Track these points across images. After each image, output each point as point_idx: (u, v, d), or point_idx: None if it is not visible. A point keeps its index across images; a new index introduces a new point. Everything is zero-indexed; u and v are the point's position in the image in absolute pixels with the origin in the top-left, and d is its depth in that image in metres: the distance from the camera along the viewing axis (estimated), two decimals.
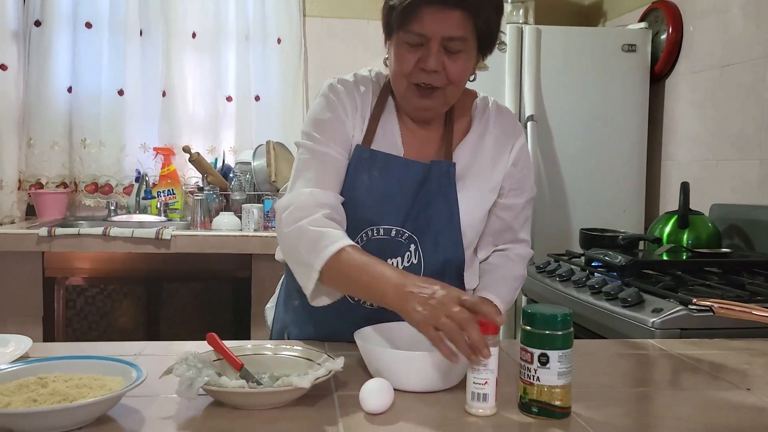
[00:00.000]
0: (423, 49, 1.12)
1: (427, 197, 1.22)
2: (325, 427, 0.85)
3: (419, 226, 1.22)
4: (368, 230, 1.22)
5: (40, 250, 2.37)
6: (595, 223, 2.37)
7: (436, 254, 1.23)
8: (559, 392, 0.88)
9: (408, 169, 1.22)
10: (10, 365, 0.91)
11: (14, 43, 2.81)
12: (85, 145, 2.87)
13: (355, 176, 1.21)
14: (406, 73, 1.15)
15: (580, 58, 2.54)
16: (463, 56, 1.14)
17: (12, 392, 0.84)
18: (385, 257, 1.19)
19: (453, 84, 1.16)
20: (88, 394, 0.84)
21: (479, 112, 1.28)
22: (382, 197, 1.21)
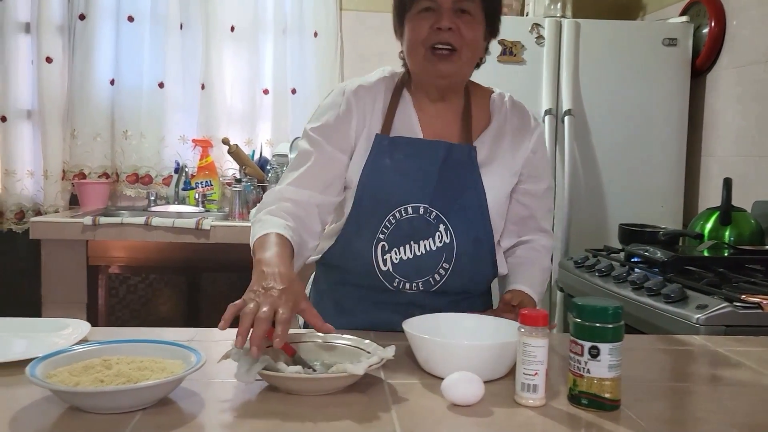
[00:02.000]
0: (435, 14, 1.19)
1: (452, 177, 1.27)
2: (378, 414, 0.86)
3: (447, 205, 1.26)
4: (397, 212, 1.26)
5: (84, 238, 2.43)
6: (632, 219, 2.36)
7: (467, 233, 1.27)
8: (609, 385, 0.89)
9: (429, 149, 1.27)
10: (76, 347, 0.95)
11: (59, 37, 2.88)
12: (127, 136, 2.93)
13: (376, 162, 1.26)
14: (423, 38, 1.21)
15: (619, 53, 2.51)
16: (474, 20, 1.21)
17: (79, 373, 0.87)
18: (417, 239, 1.25)
19: (467, 46, 1.21)
20: (150, 376, 0.87)
21: (497, 106, 1.34)
22: (405, 177, 1.26)
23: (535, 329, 0.90)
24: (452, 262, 1.27)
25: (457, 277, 1.29)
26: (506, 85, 2.41)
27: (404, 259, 1.27)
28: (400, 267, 1.27)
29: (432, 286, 1.28)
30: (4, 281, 2.94)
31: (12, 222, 2.88)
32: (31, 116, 2.93)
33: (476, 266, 1.31)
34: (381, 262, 1.27)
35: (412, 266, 1.27)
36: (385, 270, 1.27)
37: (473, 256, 1.29)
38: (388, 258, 1.27)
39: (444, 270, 1.28)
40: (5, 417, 0.82)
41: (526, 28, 2.47)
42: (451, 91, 1.30)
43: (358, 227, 1.28)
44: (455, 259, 1.27)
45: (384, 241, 1.27)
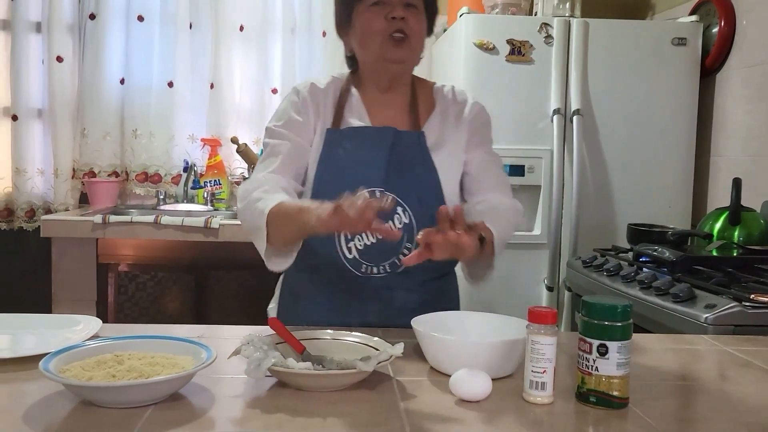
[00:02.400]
0: (386, 6, 1.29)
1: (403, 161, 1.33)
2: (387, 410, 0.87)
3: (402, 188, 1.32)
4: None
5: (94, 236, 2.45)
6: (640, 219, 2.35)
7: (423, 211, 1.32)
8: (617, 383, 0.89)
9: (377, 135, 1.35)
10: (88, 343, 0.96)
11: (70, 36, 2.90)
12: (136, 135, 2.94)
13: (329, 154, 1.34)
14: (380, 28, 1.30)
15: (628, 52, 2.51)
16: (419, 14, 1.32)
17: (92, 368, 0.88)
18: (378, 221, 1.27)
19: (416, 35, 1.32)
20: (161, 371, 0.88)
21: (439, 94, 1.43)
22: (358, 163, 1.32)
23: (543, 327, 0.90)
24: (414, 241, 1.30)
25: None
26: (515, 84, 2.45)
27: (368, 244, 1.31)
28: (365, 252, 1.31)
29: (398, 267, 1.32)
30: (15, 279, 2.97)
31: (23, 220, 2.90)
32: (41, 115, 2.95)
33: None
34: (346, 250, 1.32)
35: (376, 250, 1.31)
36: (351, 258, 1.32)
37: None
38: (352, 245, 1.31)
39: (407, 250, 1.32)
40: (19, 411, 0.83)
41: (534, 28, 2.47)
42: (399, 81, 1.39)
43: None
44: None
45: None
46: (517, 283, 2.49)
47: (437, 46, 3.03)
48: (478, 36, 2.45)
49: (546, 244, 2.48)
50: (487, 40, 2.45)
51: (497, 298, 2.48)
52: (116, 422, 0.80)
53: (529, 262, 2.50)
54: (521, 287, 2.50)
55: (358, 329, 1.12)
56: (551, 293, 2.48)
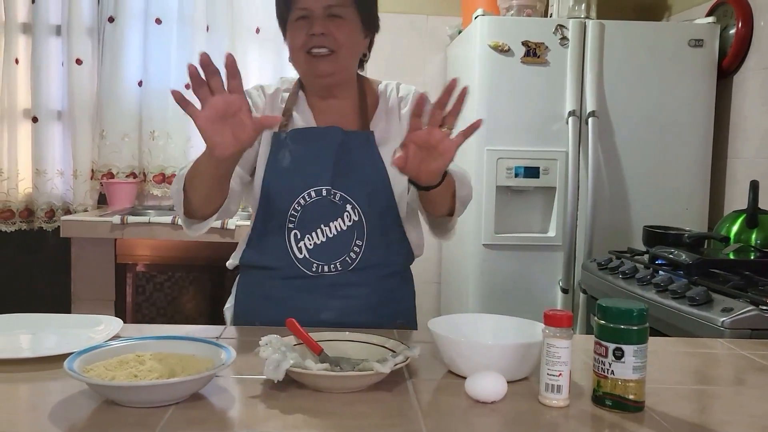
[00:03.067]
0: (309, 21, 1.29)
1: (352, 160, 1.33)
2: (404, 411, 0.88)
3: (350, 186, 1.32)
4: (300, 198, 1.32)
5: (113, 237, 2.48)
6: (656, 221, 2.34)
7: (372, 208, 1.33)
8: (633, 386, 0.90)
9: (323, 134, 1.35)
10: (111, 343, 0.98)
11: (89, 39, 2.94)
12: (154, 137, 2.98)
13: (277, 155, 1.34)
14: (300, 44, 1.30)
15: (644, 54, 2.50)
16: (346, 23, 1.30)
17: (114, 367, 0.90)
18: (327, 220, 1.32)
19: (342, 47, 1.30)
20: (182, 372, 0.90)
21: (383, 91, 1.43)
22: (304, 163, 1.33)
23: (559, 330, 0.91)
24: (364, 239, 1.33)
25: (371, 253, 1.34)
26: (530, 86, 2.45)
27: (318, 244, 1.32)
28: (315, 252, 1.32)
29: (350, 265, 1.33)
30: (35, 278, 3.01)
31: (42, 220, 2.94)
32: (61, 117, 2.99)
33: (388, 240, 1.36)
34: (296, 250, 1.33)
35: (325, 249, 1.32)
36: (301, 257, 1.33)
37: (382, 229, 1.35)
38: (302, 245, 1.32)
39: (358, 247, 1.33)
40: (45, 409, 0.85)
41: (549, 29, 2.47)
42: (339, 89, 1.38)
43: (267, 222, 1.35)
44: (366, 235, 1.33)
45: (295, 229, 1.32)
46: (532, 285, 2.50)
47: (452, 48, 3.03)
48: (493, 38, 2.45)
49: (561, 246, 2.47)
50: (502, 42, 2.45)
51: (512, 300, 2.48)
52: (139, 421, 0.82)
53: (544, 264, 2.50)
54: (536, 289, 2.50)
55: (329, 330, 1.13)
56: (566, 295, 2.47)
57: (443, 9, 3.12)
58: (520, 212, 2.54)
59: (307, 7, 1.29)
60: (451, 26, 3.05)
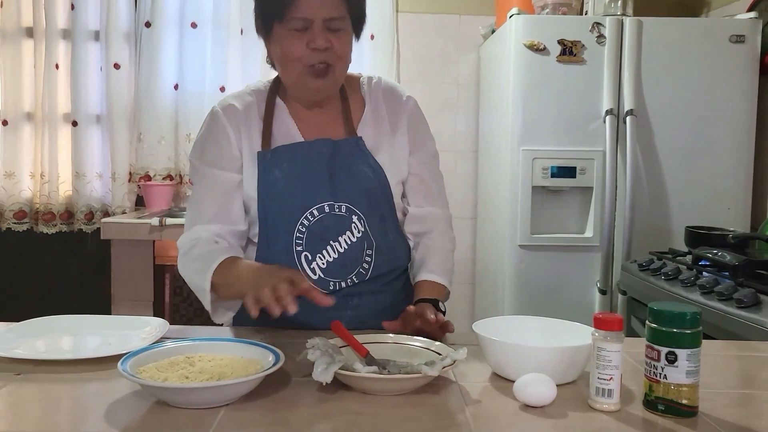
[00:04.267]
0: (308, 32, 1.21)
1: (347, 169, 1.29)
2: (453, 414, 0.88)
3: (352, 195, 1.29)
4: (303, 218, 1.27)
5: (151, 239, 2.52)
6: (696, 221, 2.30)
7: (373, 214, 1.31)
8: (686, 391, 0.88)
9: (312, 149, 1.29)
10: (161, 345, 0.99)
11: (126, 44, 2.99)
12: (190, 139, 3.01)
13: (267, 176, 1.27)
14: (299, 56, 1.22)
15: (683, 51, 2.45)
16: (345, 34, 1.24)
17: (166, 369, 0.91)
18: (335, 236, 1.27)
19: (341, 60, 1.25)
20: (231, 374, 0.91)
21: (367, 90, 1.37)
22: (300, 181, 1.27)
23: (609, 334, 0.90)
24: (373, 247, 1.31)
25: (381, 260, 1.32)
26: (566, 85, 2.43)
27: (330, 261, 1.28)
28: (329, 270, 1.28)
29: (364, 276, 1.31)
30: (75, 278, 3.07)
31: (82, 222, 3.00)
32: (100, 120, 3.04)
33: (389, 243, 1.34)
34: (309, 272, 1.28)
35: (339, 264, 1.29)
36: (316, 279, 1.28)
37: (384, 234, 1.33)
38: (315, 266, 1.28)
39: (369, 257, 1.31)
40: (101, 408, 0.86)
41: (586, 28, 2.44)
42: (326, 99, 1.33)
43: (271, 247, 1.29)
44: (374, 242, 1.31)
45: (305, 252, 1.27)
46: (569, 286, 2.47)
47: (485, 47, 3.02)
48: (528, 37, 2.43)
49: (598, 247, 2.44)
50: (538, 41, 2.43)
51: (548, 301, 2.46)
52: (192, 423, 0.83)
53: (581, 265, 2.47)
54: (573, 290, 2.47)
55: (372, 332, 1.14)
56: (604, 296, 2.44)
57: (475, 8, 3.11)
58: (557, 212, 2.52)
59: (307, 17, 1.20)
60: (484, 26, 3.04)
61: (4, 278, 3.07)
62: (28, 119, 3.01)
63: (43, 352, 1.09)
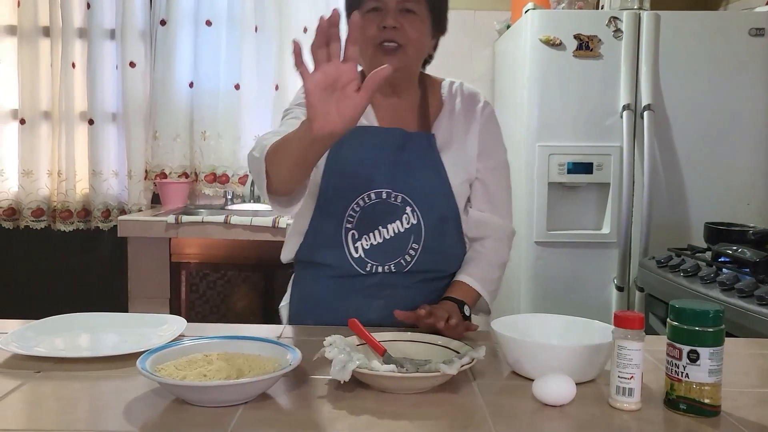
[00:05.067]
0: (382, 13, 1.27)
1: (412, 161, 1.32)
2: (472, 413, 0.87)
3: (411, 188, 1.31)
4: (360, 199, 1.31)
5: (168, 236, 2.53)
6: (715, 217, 2.27)
7: (431, 212, 1.32)
8: (708, 390, 0.87)
9: (385, 135, 1.33)
10: (179, 342, 0.99)
11: (142, 42, 3.00)
12: (205, 137, 3.02)
13: (336, 152, 1.30)
14: (371, 36, 1.28)
15: (702, 44, 2.42)
16: (418, 19, 1.29)
17: (184, 367, 0.91)
18: (385, 222, 1.30)
19: (412, 43, 1.28)
20: (249, 372, 0.91)
21: (447, 92, 1.41)
22: (364, 164, 1.31)
23: (630, 332, 0.89)
24: (421, 242, 1.32)
25: (427, 257, 1.33)
26: (583, 80, 2.40)
27: (374, 244, 1.31)
28: (371, 252, 1.31)
29: (404, 267, 1.32)
30: (92, 276, 3.10)
31: (99, 220, 3.02)
32: (116, 119, 3.06)
33: (444, 245, 1.35)
34: (353, 249, 1.32)
35: (382, 250, 1.31)
36: (357, 257, 1.32)
37: (440, 234, 1.34)
38: (359, 245, 1.32)
39: (414, 250, 1.32)
40: (119, 406, 0.87)
41: (602, 22, 2.41)
42: (402, 86, 1.36)
43: (324, 220, 1.33)
44: (423, 238, 1.32)
45: (353, 230, 1.31)
46: (586, 283, 2.45)
47: (500, 43, 3.00)
48: (544, 32, 2.41)
49: (615, 243, 2.42)
50: (554, 36, 2.41)
51: (565, 298, 2.44)
52: (210, 421, 0.83)
53: (598, 261, 2.45)
54: (590, 287, 2.45)
55: (389, 330, 1.14)
56: (621, 293, 2.42)
57: (490, 4, 3.09)
58: (573, 209, 2.50)
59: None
60: (499, 21, 3.02)
61: (22, 275, 3.10)
62: (45, 118, 3.03)
63: (62, 350, 1.09)
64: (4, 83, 3.04)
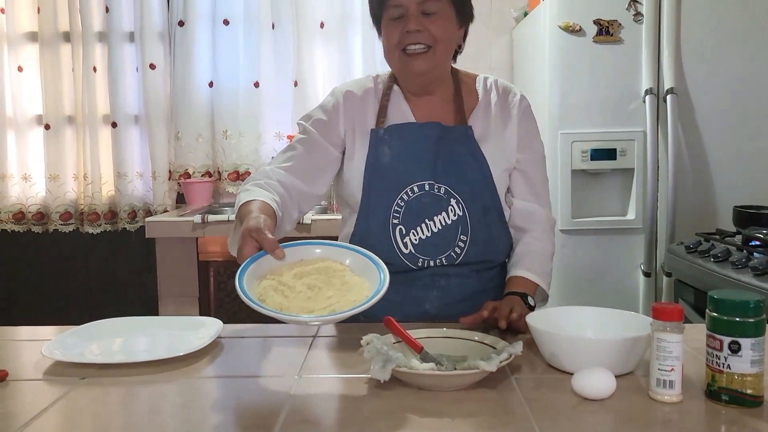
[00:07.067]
0: (404, 20, 1.29)
1: (452, 154, 1.33)
2: (513, 409, 0.88)
3: (453, 180, 1.33)
4: (404, 193, 1.32)
5: (194, 236, 2.56)
6: (742, 201, 2.24)
7: (475, 203, 1.34)
8: (751, 380, 0.87)
9: (422, 129, 1.35)
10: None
11: (161, 44, 3.03)
12: (227, 136, 3.04)
13: (376, 151, 1.34)
14: (395, 42, 1.31)
15: (725, 25, 2.38)
16: (441, 18, 1.30)
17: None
18: (431, 215, 1.32)
19: (438, 43, 1.30)
20: None
21: (482, 86, 1.43)
22: (404, 159, 1.33)
23: (669, 324, 0.89)
24: (469, 234, 1.33)
25: (476, 248, 1.34)
26: (604, 65, 2.38)
27: (423, 239, 1.32)
28: (420, 246, 1.32)
29: (455, 260, 1.34)
30: (121, 276, 3.14)
31: (125, 221, 3.06)
32: (138, 121, 3.09)
33: (490, 235, 1.36)
34: (402, 245, 1.33)
35: (431, 243, 1.32)
36: (407, 252, 1.33)
37: (486, 225, 1.35)
38: (408, 240, 1.32)
39: (463, 242, 1.33)
40: (169, 410, 0.88)
41: (622, 6, 2.38)
42: (435, 84, 1.38)
43: (370, 218, 1.35)
44: (471, 230, 1.33)
45: (400, 225, 1.32)
46: (612, 269, 2.44)
47: (518, 30, 2.98)
48: (563, 18, 2.39)
49: (641, 229, 2.41)
50: (573, 22, 2.39)
51: (591, 284, 2.44)
52: (255, 424, 0.84)
53: (624, 247, 2.44)
54: (616, 273, 2.44)
55: (425, 324, 1.16)
56: (648, 279, 2.41)
57: None
58: (598, 195, 2.48)
59: (401, 4, 1.29)
60: (516, 8, 2.99)
61: (53, 278, 3.16)
62: (69, 122, 3.07)
63: (104, 355, 1.12)
64: (28, 90, 3.08)
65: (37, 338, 1.21)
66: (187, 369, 1.04)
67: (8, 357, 1.15)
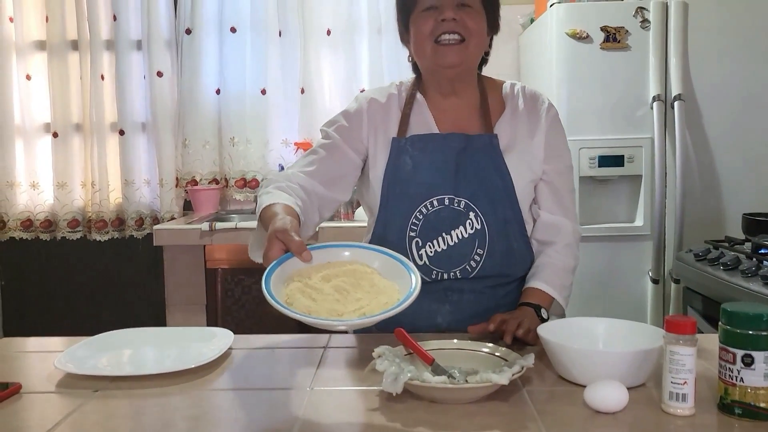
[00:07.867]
0: (438, 11, 1.27)
1: (474, 165, 1.31)
2: (525, 422, 0.88)
3: (474, 193, 1.30)
4: (423, 206, 1.31)
5: (202, 243, 2.56)
6: (751, 208, 2.24)
7: (496, 216, 1.32)
8: (764, 394, 0.86)
9: (445, 141, 1.33)
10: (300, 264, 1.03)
11: (168, 51, 3.04)
12: (234, 143, 3.05)
13: (397, 161, 1.33)
14: (429, 32, 1.28)
15: (732, 32, 2.38)
16: (475, 12, 1.28)
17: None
18: (449, 228, 1.30)
19: (473, 36, 1.28)
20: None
21: (509, 93, 1.39)
22: (425, 172, 1.31)
23: (682, 337, 0.88)
24: (486, 247, 1.31)
25: (492, 261, 1.32)
26: (611, 72, 2.38)
27: (438, 251, 1.31)
28: (435, 259, 1.31)
29: (470, 273, 1.32)
30: (129, 284, 3.15)
31: (133, 229, 3.07)
32: (145, 128, 3.11)
33: (509, 247, 1.34)
34: (417, 257, 1.32)
35: (446, 256, 1.31)
36: (421, 264, 1.31)
37: (505, 238, 1.33)
38: (423, 253, 1.31)
39: (479, 256, 1.31)
40: (182, 423, 0.89)
41: (629, 13, 2.39)
42: (462, 84, 1.36)
43: (387, 227, 1.34)
44: (488, 243, 1.31)
45: (417, 238, 1.31)
46: (620, 276, 2.44)
47: (524, 37, 2.98)
48: (570, 25, 2.39)
49: (649, 236, 2.40)
50: (580, 29, 2.39)
51: (600, 291, 2.43)
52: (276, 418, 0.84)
53: (632, 254, 2.43)
54: (624, 280, 2.44)
55: (435, 336, 1.15)
56: (656, 286, 2.40)
57: None
58: (605, 202, 2.48)
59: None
60: (523, 15, 2.99)
61: (60, 286, 3.17)
62: (76, 130, 3.09)
63: (116, 368, 1.12)
64: (36, 98, 3.10)
65: (48, 350, 1.22)
66: (200, 381, 1.04)
67: (20, 369, 1.15)
